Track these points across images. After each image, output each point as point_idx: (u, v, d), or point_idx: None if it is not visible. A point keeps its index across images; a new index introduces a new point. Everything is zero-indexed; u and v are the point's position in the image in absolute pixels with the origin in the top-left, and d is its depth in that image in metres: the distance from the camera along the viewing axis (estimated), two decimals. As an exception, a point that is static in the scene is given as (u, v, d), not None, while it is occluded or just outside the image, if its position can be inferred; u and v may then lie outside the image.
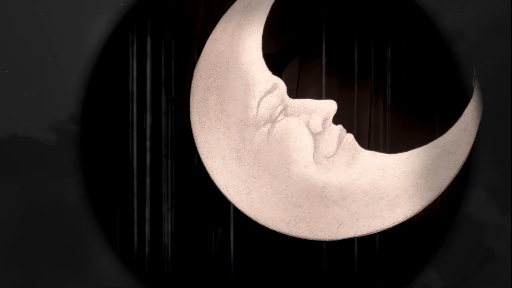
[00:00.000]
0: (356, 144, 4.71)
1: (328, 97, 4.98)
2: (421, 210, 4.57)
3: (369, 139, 5.04)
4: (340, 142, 4.71)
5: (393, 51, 5.12)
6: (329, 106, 4.74)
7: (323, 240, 4.66)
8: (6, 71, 5.18)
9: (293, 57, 5.27)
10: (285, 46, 5.29)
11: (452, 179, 4.54)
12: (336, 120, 4.89)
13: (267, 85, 4.84)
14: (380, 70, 5.16)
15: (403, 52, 5.14)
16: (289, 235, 4.72)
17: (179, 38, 5.24)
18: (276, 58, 5.22)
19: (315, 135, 4.74)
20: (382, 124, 5.08)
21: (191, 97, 5.00)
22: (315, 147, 4.73)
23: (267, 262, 4.90)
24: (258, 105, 4.79)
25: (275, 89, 4.83)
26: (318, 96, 5.02)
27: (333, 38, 5.23)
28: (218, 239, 5.12)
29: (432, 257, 5.01)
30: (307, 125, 4.74)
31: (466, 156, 4.57)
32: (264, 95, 4.80)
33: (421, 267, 5.02)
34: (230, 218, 4.90)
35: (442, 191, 4.54)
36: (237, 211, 4.86)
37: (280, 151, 4.77)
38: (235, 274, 5.10)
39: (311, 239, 4.67)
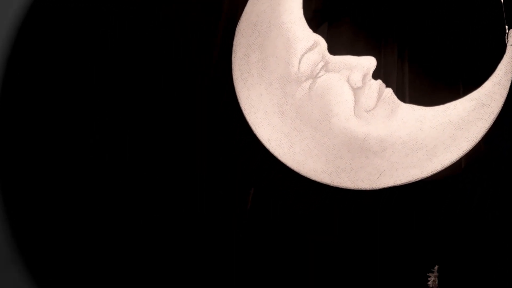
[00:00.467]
0: (395, 98, 4.91)
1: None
2: (457, 159, 4.79)
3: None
4: (379, 96, 4.91)
5: (419, 14, 5.33)
6: (369, 62, 4.94)
7: (364, 189, 4.86)
8: None
9: (322, 23, 5.47)
10: (315, 12, 5.48)
11: (487, 130, 4.77)
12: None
13: (308, 42, 5.03)
14: (407, 35, 5.37)
15: (431, 16, 5.36)
16: (331, 185, 4.92)
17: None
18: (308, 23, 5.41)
19: (355, 90, 4.93)
20: (408, 89, 5.29)
21: (233, 55, 5.17)
22: (356, 101, 4.92)
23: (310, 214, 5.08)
24: (300, 62, 4.98)
25: (316, 46, 5.02)
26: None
27: (361, 4, 5.44)
28: (250, 199, 5.30)
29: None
30: (348, 80, 4.94)
31: (500, 108, 4.80)
32: (305, 52, 4.99)
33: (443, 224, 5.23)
34: (271, 171, 5.09)
35: (477, 141, 4.77)
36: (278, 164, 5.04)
37: (321, 105, 4.96)
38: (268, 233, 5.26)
39: (352, 188, 4.88)
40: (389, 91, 4.95)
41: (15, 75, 5.17)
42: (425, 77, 5.30)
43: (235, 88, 5.13)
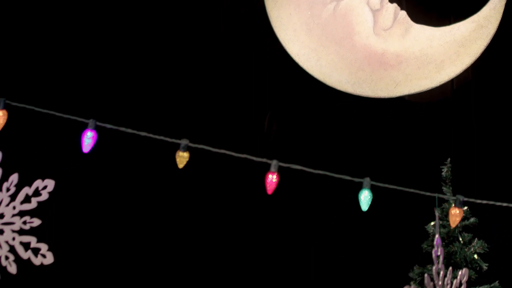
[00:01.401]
0: (409, 19, 5.65)
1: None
2: (461, 72, 5.59)
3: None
4: (395, 18, 5.63)
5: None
6: (386, -13, 5.65)
7: (382, 97, 5.57)
8: None
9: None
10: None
11: (485, 47, 5.59)
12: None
13: (333, -32, 5.67)
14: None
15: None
16: (354, 94, 5.59)
17: None
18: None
19: (374, 12, 5.63)
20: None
21: (264, -21, 5.73)
22: (375, 22, 5.62)
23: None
24: (325, -14, 5.61)
25: (339, -28, 5.66)
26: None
27: None
28: (267, 119, 5.84)
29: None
30: (367, 3, 5.62)
31: (495, 29, 5.63)
32: (330, -23, 5.62)
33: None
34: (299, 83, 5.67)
35: (477, 57, 5.58)
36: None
37: (344, 24, 5.62)
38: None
39: (372, 97, 5.57)
40: (404, 13, 5.67)
41: None
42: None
43: (266, 8, 5.69)
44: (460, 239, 5.25)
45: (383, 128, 5.99)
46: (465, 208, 5.40)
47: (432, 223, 5.08)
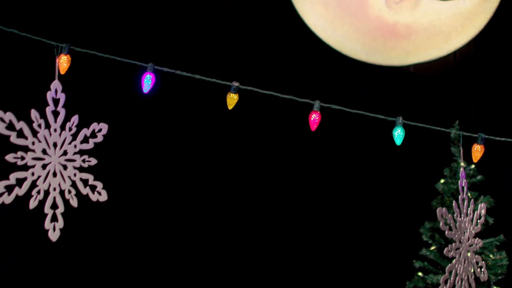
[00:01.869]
0: (418, -8, 6.05)
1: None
2: (467, 43, 5.99)
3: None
4: (405, -9, 6.02)
5: None
6: (397, -37, 6.03)
7: (394, 66, 5.95)
8: None
9: None
10: None
11: (488, 20, 6.00)
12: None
13: None
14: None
15: None
16: (367, 62, 5.95)
17: None
18: None
19: (386, -15, 6.02)
20: None
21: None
22: (387, -5, 6.01)
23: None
24: (340, -39, 5.97)
25: None
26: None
27: None
28: None
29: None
30: (380, -22, 6.00)
31: (498, 3, 6.04)
32: (345, -47, 5.98)
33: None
34: (316, 53, 6.01)
35: (482, 28, 5.99)
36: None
37: (358, -3, 6.00)
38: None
39: (385, 65, 5.94)
40: (413, -13, 6.08)
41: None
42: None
43: (285, -18, 6.04)
44: (469, 194, 5.62)
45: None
46: (473, 166, 5.80)
47: (457, 165, 5.40)
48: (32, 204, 3.70)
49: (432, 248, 5.71)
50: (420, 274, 5.62)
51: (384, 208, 6.13)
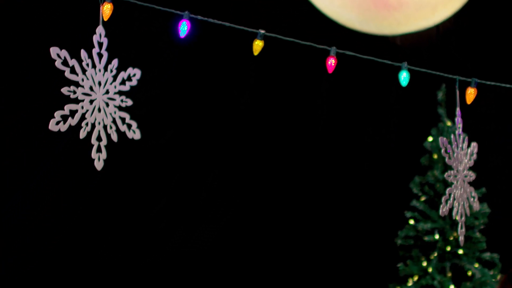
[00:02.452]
0: (408, -33, 6.55)
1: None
2: (453, 14, 6.53)
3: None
4: (397, -34, 6.52)
5: None
6: None
7: (386, 35, 6.45)
8: None
9: None
10: None
11: (473, -5, 6.57)
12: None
13: None
14: None
15: None
16: (361, 31, 6.44)
17: None
18: None
19: (379, -40, 6.51)
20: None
21: None
22: (379, -31, 6.50)
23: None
24: None
25: None
26: None
27: None
28: None
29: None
30: (373, -46, 6.50)
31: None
32: None
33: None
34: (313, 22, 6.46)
35: (466, 2, 6.53)
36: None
37: (353, -29, 6.48)
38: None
39: (378, 34, 6.44)
40: (404, -38, 6.59)
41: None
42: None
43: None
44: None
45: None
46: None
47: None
48: (82, 134, 4.08)
49: (422, 199, 6.25)
50: (411, 222, 6.14)
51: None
